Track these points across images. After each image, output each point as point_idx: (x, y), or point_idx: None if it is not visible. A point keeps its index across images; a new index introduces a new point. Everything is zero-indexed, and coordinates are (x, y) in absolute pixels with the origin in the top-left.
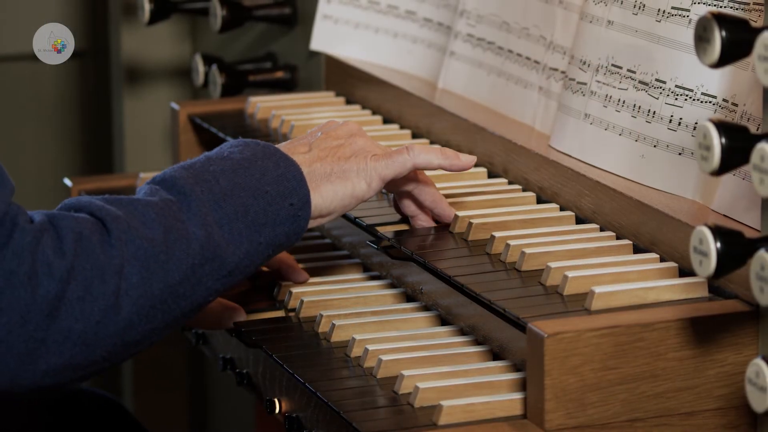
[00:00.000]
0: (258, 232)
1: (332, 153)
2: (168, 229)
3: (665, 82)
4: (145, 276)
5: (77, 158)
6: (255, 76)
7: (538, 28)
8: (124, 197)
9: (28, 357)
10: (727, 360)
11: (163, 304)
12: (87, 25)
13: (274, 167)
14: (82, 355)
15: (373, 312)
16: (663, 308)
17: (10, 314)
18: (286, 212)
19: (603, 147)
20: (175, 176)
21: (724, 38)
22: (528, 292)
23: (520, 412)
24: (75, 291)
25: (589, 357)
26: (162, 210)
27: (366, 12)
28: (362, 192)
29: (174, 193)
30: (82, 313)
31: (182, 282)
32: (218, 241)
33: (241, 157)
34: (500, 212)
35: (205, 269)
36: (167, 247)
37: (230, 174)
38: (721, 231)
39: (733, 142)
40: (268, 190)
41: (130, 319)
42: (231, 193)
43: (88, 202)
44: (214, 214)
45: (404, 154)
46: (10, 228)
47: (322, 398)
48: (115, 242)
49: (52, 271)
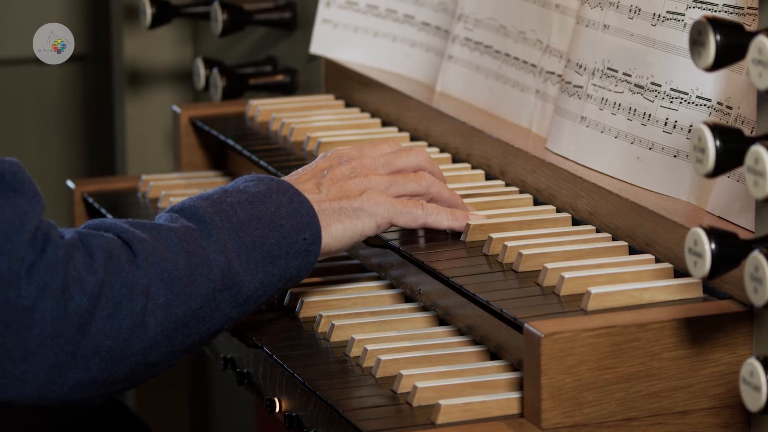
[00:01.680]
0: (272, 264)
1: (341, 193)
2: (190, 254)
3: (660, 86)
4: (170, 297)
5: (80, 160)
6: (255, 80)
7: (535, 32)
8: (147, 222)
9: (57, 370)
10: (722, 360)
11: (185, 327)
12: (89, 29)
13: (288, 202)
14: (107, 371)
15: (372, 312)
16: (658, 309)
17: (43, 326)
18: (299, 246)
19: (599, 149)
20: (194, 206)
21: (718, 42)
22: (525, 293)
23: (517, 411)
24: (105, 308)
25: (586, 357)
26: (184, 236)
27: (365, 16)
28: (371, 231)
29: (194, 221)
30: (112, 330)
31: (203, 306)
32: (237, 269)
33: (256, 191)
34: (498, 214)
35: (224, 295)
36: (190, 271)
37: (247, 206)
38: (716, 232)
39: (728, 144)
40: (282, 224)
41: (155, 339)
42: (248, 224)
43: (114, 224)
44: (233, 243)
45: (419, 209)
46: (43, 242)
47: (322, 397)
48: (142, 263)
49: (84, 287)
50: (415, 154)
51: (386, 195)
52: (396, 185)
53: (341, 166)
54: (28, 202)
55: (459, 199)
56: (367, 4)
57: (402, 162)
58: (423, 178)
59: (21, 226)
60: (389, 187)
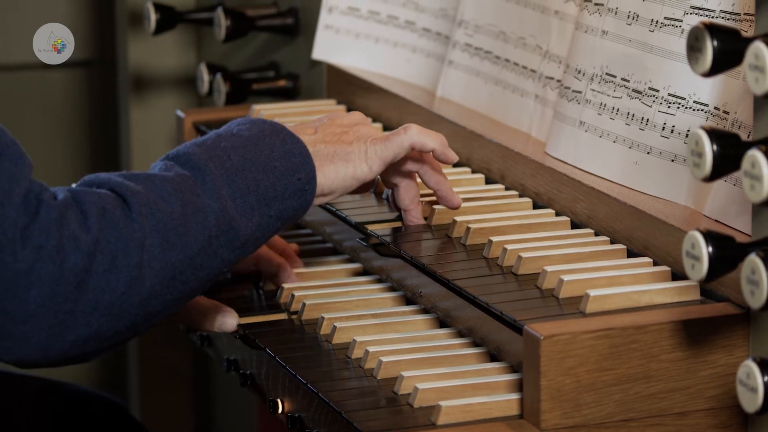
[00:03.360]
0: (268, 206)
1: (336, 137)
2: (185, 202)
3: (658, 91)
4: (165, 248)
5: (85, 165)
6: (258, 85)
7: (535, 37)
8: (141, 173)
9: (57, 328)
10: (719, 361)
11: (182, 275)
12: (94, 35)
13: (281, 144)
14: (108, 325)
15: (373, 314)
16: (656, 311)
17: (41, 287)
18: (294, 187)
19: (597, 154)
20: (188, 152)
21: (715, 48)
22: (524, 295)
23: (516, 413)
24: (101, 263)
25: (585, 358)
26: (178, 184)
27: (366, 22)
28: (363, 174)
29: (188, 168)
30: (108, 285)
31: (199, 253)
32: (232, 213)
33: (249, 134)
34: (497, 217)
35: (220, 241)
36: (185, 220)
37: (240, 150)
38: (713, 236)
39: (725, 149)
40: (276, 166)
41: (152, 290)
42: (242, 168)
43: (107, 178)
44: (227, 188)
45: (401, 135)
46: (35, 204)
47: (324, 399)
48: (137, 216)
49: (79, 245)
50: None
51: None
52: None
53: (344, 117)
54: (15, 165)
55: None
56: (369, 10)
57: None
58: (409, 128)
59: (10, 190)
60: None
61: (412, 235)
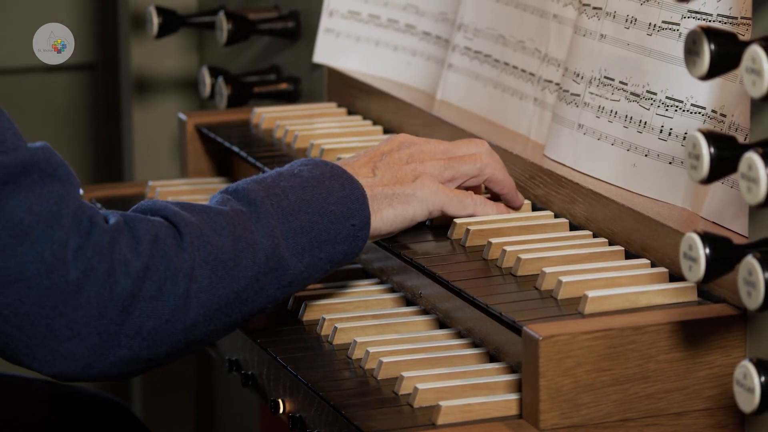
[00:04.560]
0: (319, 248)
1: (396, 178)
2: (237, 237)
3: (656, 94)
4: (213, 280)
5: (88, 167)
6: (260, 88)
7: (533, 41)
8: (197, 204)
9: (100, 348)
10: (716, 362)
11: (227, 308)
12: (97, 38)
13: (340, 188)
14: (149, 350)
15: (373, 315)
16: (654, 312)
17: (88, 309)
18: (347, 232)
19: (596, 156)
20: (247, 188)
21: (713, 51)
22: (523, 297)
23: (515, 413)
24: (149, 290)
25: (583, 359)
26: (233, 219)
27: (367, 26)
28: (422, 217)
29: (245, 204)
30: (154, 312)
31: (246, 288)
32: (283, 252)
33: (310, 176)
34: (496, 219)
35: (268, 278)
36: (236, 255)
37: (299, 190)
38: (710, 237)
39: (722, 151)
40: (332, 210)
41: (196, 320)
42: (298, 209)
43: (164, 206)
44: (281, 227)
45: (468, 199)
46: (88, 226)
47: (325, 399)
48: (188, 246)
49: (129, 270)
50: (476, 144)
51: (439, 182)
52: (450, 169)
53: (401, 151)
54: (63, 186)
55: (512, 182)
56: (369, 14)
57: (462, 150)
58: (478, 159)
59: (59, 211)
60: (444, 171)
61: (412, 236)
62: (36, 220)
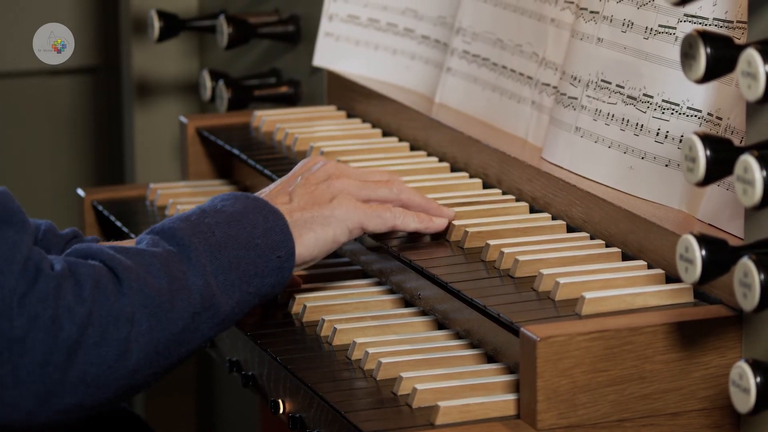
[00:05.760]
0: (248, 283)
1: (312, 199)
2: (172, 279)
3: (652, 97)
4: (152, 324)
5: (90, 169)
6: (260, 91)
7: (531, 45)
8: (131, 247)
9: (45, 396)
10: (712, 363)
11: (166, 350)
12: (99, 43)
13: (264, 221)
14: (93, 397)
15: (373, 317)
16: (650, 313)
17: (33, 355)
18: (274, 264)
19: (593, 159)
20: (174, 227)
21: (709, 55)
22: (521, 298)
23: (513, 413)
24: (92, 336)
25: (580, 360)
26: (166, 261)
27: (366, 30)
28: (343, 238)
29: (173, 244)
30: (98, 358)
31: (184, 330)
32: (215, 290)
33: (233, 210)
34: (495, 221)
35: (202, 317)
36: (171, 297)
37: (224, 226)
38: (706, 239)
39: (718, 154)
40: (258, 243)
41: (137, 365)
42: (225, 245)
43: (99, 250)
44: (211, 266)
45: (387, 213)
46: (34, 273)
47: (324, 399)
48: (127, 291)
49: (73, 317)
50: (389, 174)
51: (356, 200)
52: (367, 189)
53: (317, 171)
54: (17, 233)
55: (432, 203)
56: (369, 17)
57: (375, 177)
58: (394, 184)
59: (12, 258)
60: (360, 190)
61: (410, 238)
62: None
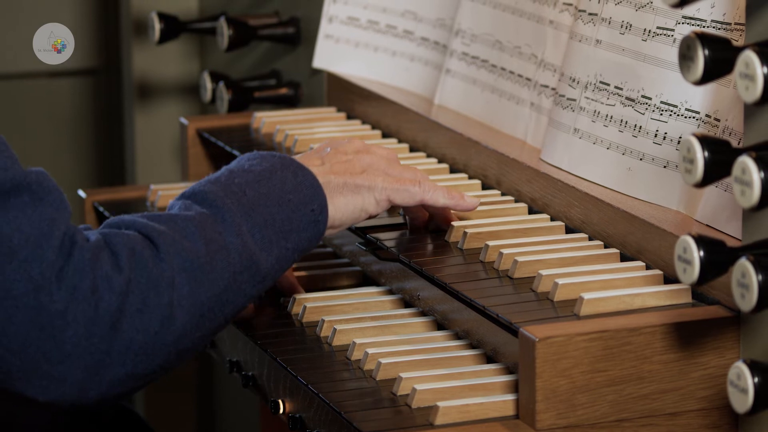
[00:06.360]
0: (285, 239)
1: (344, 167)
2: (208, 240)
3: (651, 99)
4: (193, 286)
5: (91, 171)
6: (260, 93)
7: (530, 46)
8: (163, 213)
9: (94, 368)
10: (710, 363)
11: (210, 312)
12: (100, 44)
13: (293, 176)
14: (143, 364)
15: (372, 317)
16: (649, 314)
17: (76, 327)
18: (308, 218)
19: (591, 160)
20: (204, 191)
21: (707, 57)
22: (520, 299)
23: (512, 413)
24: (134, 303)
25: (579, 360)
26: (201, 223)
27: (366, 31)
28: (372, 208)
29: (206, 207)
30: (142, 324)
31: (225, 290)
32: (252, 249)
33: (261, 169)
34: (494, 222)
35: (244, 276)
36: (210, 258)
37: (255, 185)
38: (704, 240)
39: (716, 155)
40: (290, 199)
41: (183, 328)
42: (257, 203)
43: (132, 220)
44: (246, 224)
45: (416, 187)
46: (69, 246)
47: (324, 399)
48: (164, 256)
49: (112, 285)
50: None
51: (385, 174)
52: (395, 166)
53: (347, 145)
54: (56, 210)
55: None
56: (368, 20)
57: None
58: (416, 171)
59: (50, 233)
60: (388, 166)
61: (410, 239)
62: (25, 240)
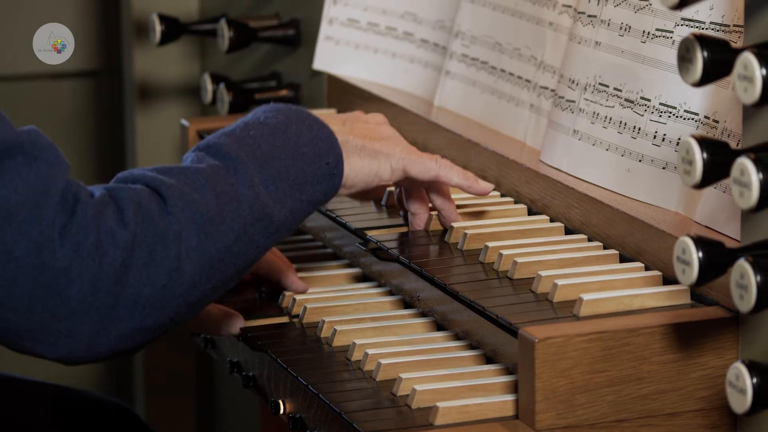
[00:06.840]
0: (300, 191)
1: (364, 132)
2: (219, 192)
3: (650, 100)
4: (202, 238)
5: (91, 172)
6: (260, 94)
7: (529, 48)
8: (174, 166)
9: (101, 323)
10: (709, 363)
11: (220, 264)
12: (101, 46)
13: (308, 130)
14: (151, 318)
15: (372, 318)
16: (648, 314)
17: (81, 284)
18: (323, 171)
19: (591, 161)
20: (218, 143)
21: (705, 58)
22: (519, 299)
23: (512, 413)
24: (140, 257)
25: (578, 360)
26: (211, 175)
27: (366, 33)
28: (386, 175)
29: (219, 159)
30: (149, 278)
31: (236, 241)
32: (265, 200)
33: (276, 122)
34: (493, 223)
35: (255, 228)
36: (220, 210)
37: (269, 138)
38: (703, 241)
39: (715, 156)
40: (305, 152)
41: (192, 280)
42: (272, 156)
43: (141, 174)
44: (259, 176)
45: (432, 162)
46: (72, 203)
47: (324, 400)
48: (172, 209)
49: (117, 240)
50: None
51: (405, 145)
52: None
53: (368, 116)
54: (51, 166)
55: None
56: (368, 21)
57: None
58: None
59: (46, 191)
60: (406, 144)
61: (410, 240)
62: (22, 201)
